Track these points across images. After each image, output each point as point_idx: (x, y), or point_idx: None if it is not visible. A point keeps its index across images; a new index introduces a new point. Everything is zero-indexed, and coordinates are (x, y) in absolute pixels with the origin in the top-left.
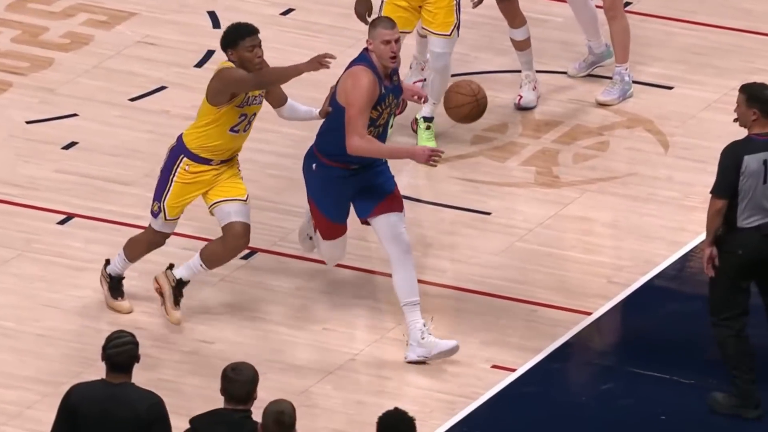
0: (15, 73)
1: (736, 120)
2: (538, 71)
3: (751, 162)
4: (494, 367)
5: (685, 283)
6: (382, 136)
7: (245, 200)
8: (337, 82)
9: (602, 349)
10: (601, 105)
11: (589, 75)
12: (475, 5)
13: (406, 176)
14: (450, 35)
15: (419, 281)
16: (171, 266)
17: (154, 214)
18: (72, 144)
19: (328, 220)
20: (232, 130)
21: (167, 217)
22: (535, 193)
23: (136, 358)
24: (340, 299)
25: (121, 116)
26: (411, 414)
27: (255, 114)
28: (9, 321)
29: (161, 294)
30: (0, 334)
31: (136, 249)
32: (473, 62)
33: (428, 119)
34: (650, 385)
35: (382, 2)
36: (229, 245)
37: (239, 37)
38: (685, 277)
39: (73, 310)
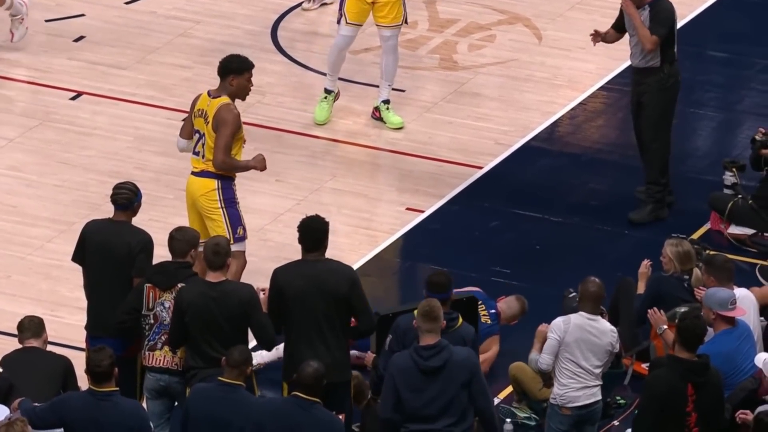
0: None
1: None
2: None
3: None
4: (408, 209)
5: (554, 144)
6: None
7: None
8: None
9: (491, 195)
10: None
11: None
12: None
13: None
14: (400, 25)
15: (353, 144)
16: None
17: (244, 237)
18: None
19: None
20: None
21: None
22: (439, 75)
23: (131, 202)
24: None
25: None
26: (342, 246)
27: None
28: (33, 174)
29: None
30: (26, 185)
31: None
32: None
33: (387, 101)
34: (527, 222)
35: None
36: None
37: (246, 69)
38: (554, 139)
39: (81, 166)
